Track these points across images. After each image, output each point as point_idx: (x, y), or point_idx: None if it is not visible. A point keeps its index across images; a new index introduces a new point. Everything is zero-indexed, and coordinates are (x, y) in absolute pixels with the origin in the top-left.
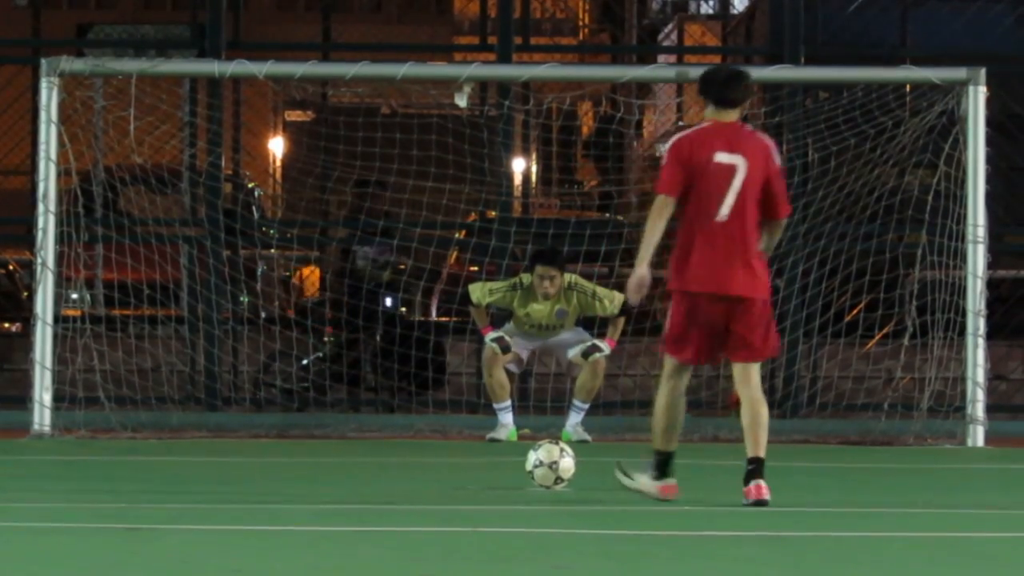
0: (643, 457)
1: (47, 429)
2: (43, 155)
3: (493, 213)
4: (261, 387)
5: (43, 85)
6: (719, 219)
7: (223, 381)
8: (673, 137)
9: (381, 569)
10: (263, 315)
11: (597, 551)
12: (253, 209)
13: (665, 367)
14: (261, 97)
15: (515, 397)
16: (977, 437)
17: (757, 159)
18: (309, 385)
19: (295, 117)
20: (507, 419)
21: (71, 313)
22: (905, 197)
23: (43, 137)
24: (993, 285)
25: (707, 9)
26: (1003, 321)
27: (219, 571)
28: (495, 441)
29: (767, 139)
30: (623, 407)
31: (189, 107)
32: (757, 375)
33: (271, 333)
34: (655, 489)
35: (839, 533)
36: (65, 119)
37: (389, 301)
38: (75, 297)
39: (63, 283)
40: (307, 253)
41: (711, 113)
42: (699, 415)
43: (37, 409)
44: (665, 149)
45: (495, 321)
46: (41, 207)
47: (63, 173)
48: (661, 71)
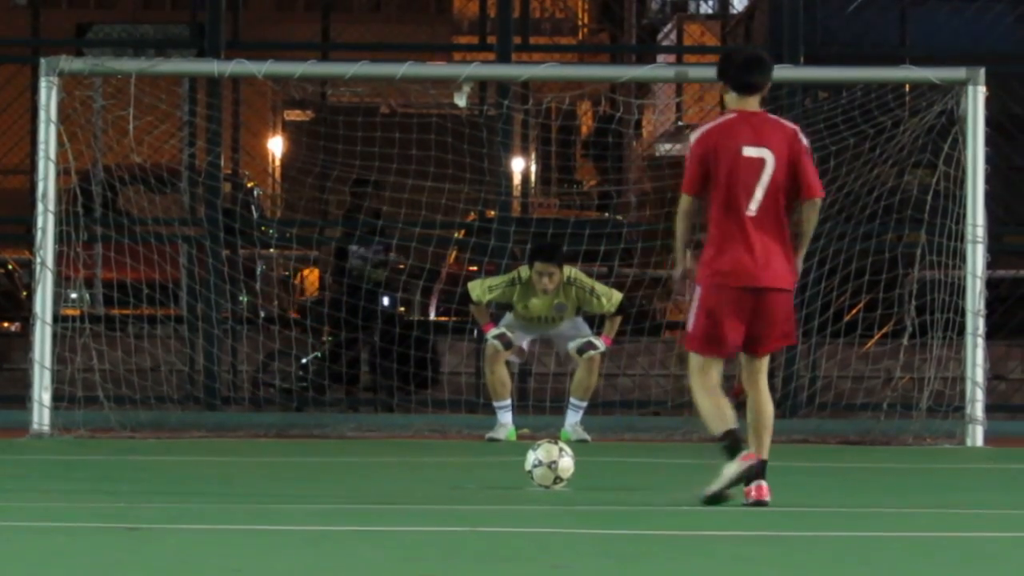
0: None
1: (46, 428)
2: (42, 154)
3: (492, 213)
4: (260, 387)
5: (42, 84)
6: (749, 213)
7: (222, 381)
8: (698, 130)
9: (380, 569)
10: (262, 315)
11: (596, 551)
12: (252, 209)
13: (691, 364)
14: (260, 97)
15: (514, 397)
16: (976, 437)
17: (783, 149)
18: (308, 385)
19: (294, 117)
20: (506, 418)
21: (70, 312)
22: (904, 197)
23: (42, 136)
24: (992, 285)
25: (706, 9)
26: (1002, 321)
27: (219, 571)
28: (494, 441)
29: (791, 124)
30: (622, 407)
31: (188, 106)
32: (765, 371)
33: (270, 333)
34: (737, 463)
35: (838, 533)
36: (64, 118)
37: (387, 301)
38: (74, 296)
39: (62, 282)
40: (306, 253)
41: (733, 102)
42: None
43: (36, 408)
44: (691, 142)
45: (494, 314)
46: (40, 206)
47: (62, 172)
48: (660, 71)
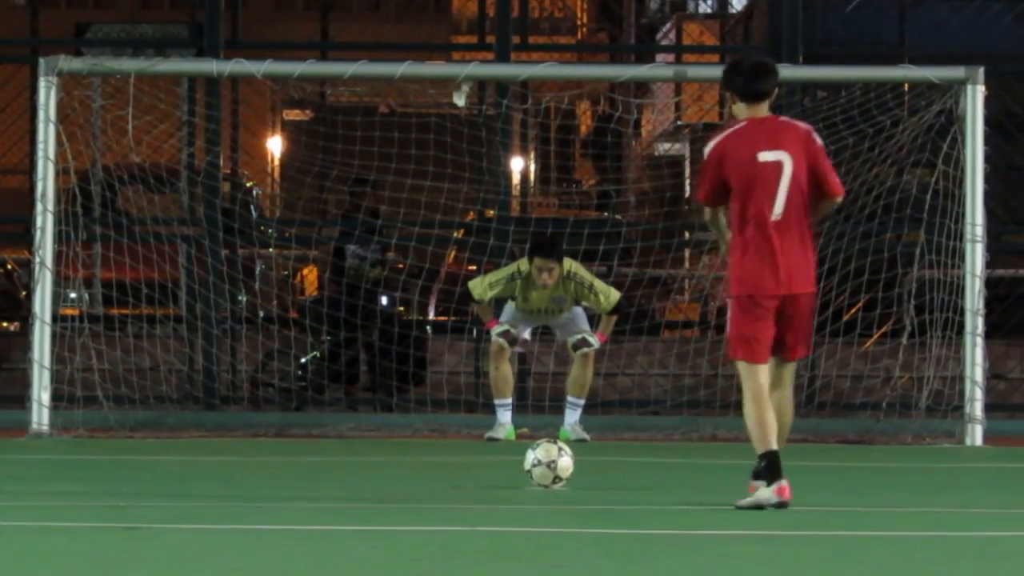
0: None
1: (45, 428)
2: (41, 154)
3: (491, 212)
4: (259, 386)
5: (41, 84)
6: (774, 219)
7: (221, 380)
8: (712, 140)
9: (379, 568)
10: (261, 314)
11: (596, 550)
12: (251, 208)
13: (740, 372)
14: (259, 96)
15: (514, 396)
16: (975, 436)
17: (799, 150)
18: (307, 384)
19: (293, 116)
20: (505, 418)
21: (69, 312)
22: (903, 196)
23: (41, 136)
24: (991, 284)
25: (705, 8)
26: (1001, 320)
27: (218, 570)
28: (493, 440)
29: (804, 124)
30: (621, 406)
31: (187, 106)
32: (792, 376)
33: (269, 332)
34: (770, 494)
35: (837, 532)
36: (63, 118)
37: (385, 300)
38: (73, 296)
39: (61, 282)
40: (305, 252)
41: (742, 111)
42: (697, 414)
43: (35, 408)
44: (705, 153)
45: (496, 308)
46: (39, 206)
47: (61, 172)
48: (659, 70)
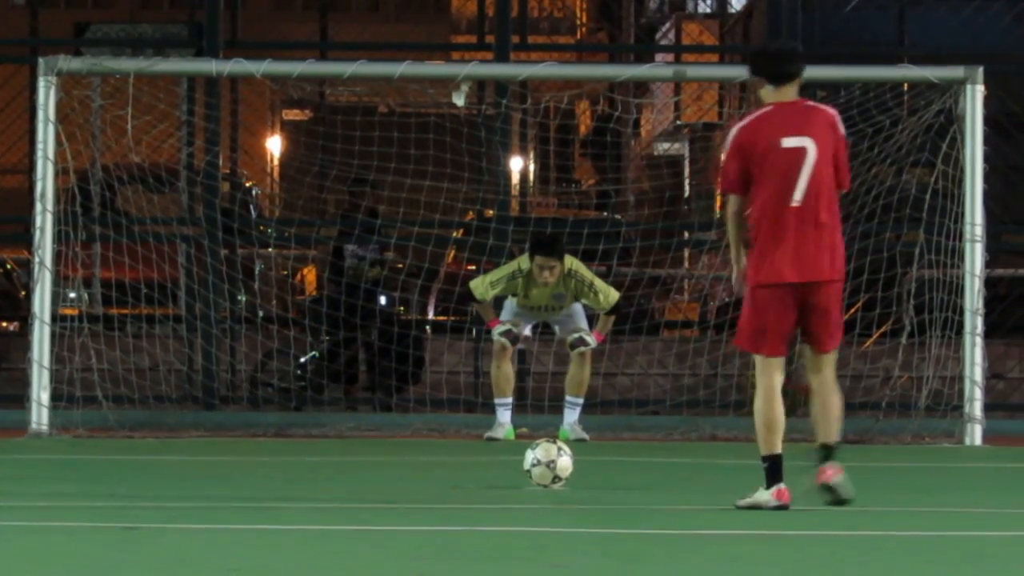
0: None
1: (45, 428)
2: (41, 154)
3: (491, 212)
4: (258, 386)
5: (41, 84)
6: (794, 204)
7: (221, 380)
8: (735, 126)
9: (379, 568)
10: (260, 314)
11: (595, 550)
12: (251, 208)
13: (756, 366)
14: (259, 96)
15: (514, 396)
16: (975, 436)
17: (825, 135)
18: (306, 384)
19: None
20: (505, 417)
21: (69, 312)
22: (903, 196)
23: (41, 136)
24: (991, 284)
25: (704, 8)
26: (1001, 320)
27: (217, 570)
28: (493, 440)
29: (830, 110)
30: (621, 406)
31: (187, 106)
32: (832, 365)
33: (269, 332)
34: (769, 497)
35: (837, 532)
36: (63, 118)
37: (384, 300)
38: (73, 296)
39: (61, 282)
40: (304, 252)
41: (770, 95)
42: (696, 414)
43: (35, 408)
44: (728, 139)
45: (495, 304)
46: (39, 206)
47: (61, 172)
48: (658, 70)
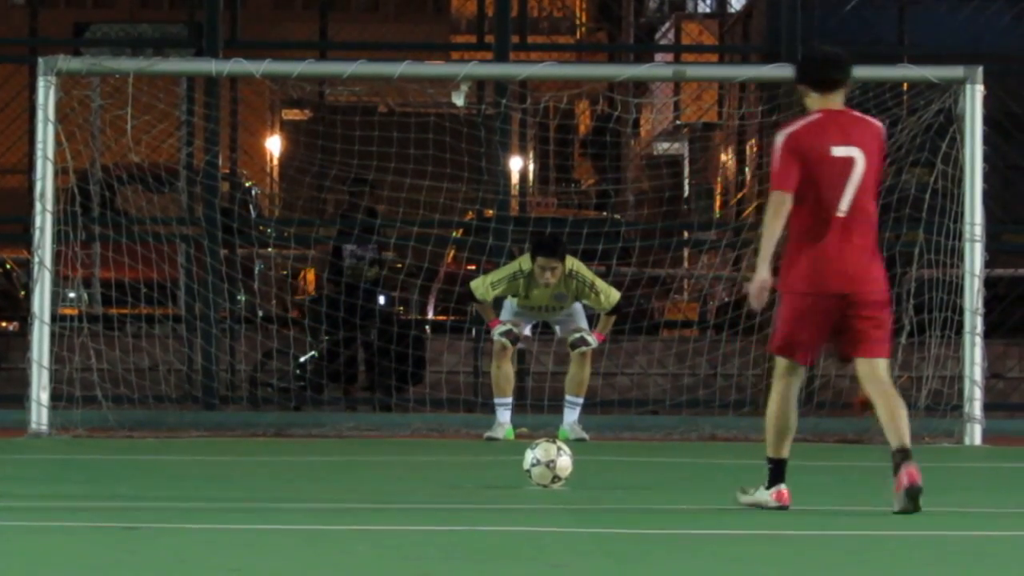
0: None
1: (44, 428)
2: (40, 154)
3: (490, 212)
4: (258, 386)
5: (40, 84)
6: (839, 214)
7: (220, 380)
8: (784, 131)
9: (379, 568)
10: (260, 314)
11: (595, 550)
12: (250, 208)
13: (777, 368)
14: (258, 96)
15: (514, 396)
16: (974, 435)
17: (872, 147)
18: (306, 384)
19: (292, 116)
20: (505, 417)
21: (68, 312)
22: (903, 195)
23: (40, 136)
24: (990, 283)
25: (704, 8)
26: (1000, 319)
27: (217, 570)
28: (492, 440)
29: (877, 122)
30: (621, 406)
31: (186, 106)
32: (885, 369)
33: (268, 332)
34: (769, 498)
35: (836, 532)
36: (62, 118)
37: (383, 300)
38: (72, 296)
39: (60, 282)
40: (304, 252)
41: (816, 102)
42: (696, 414)
43: (34, 408)
44: (777, 143)
45: (495, 303)
46: (38, 206)
47: (60, 172)
48: (658, 70)
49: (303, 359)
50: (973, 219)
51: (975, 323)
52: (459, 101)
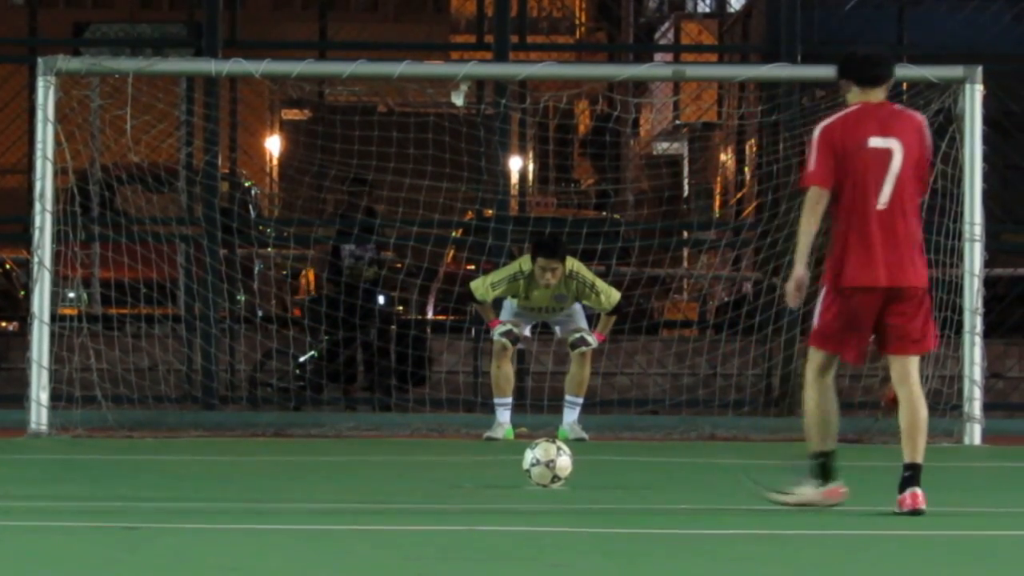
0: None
1: (44, 428)
2: (40, 154)
3: (490, 212)
4: (257, 386)
5: (40, 84)
6: (879, 207)
7: (220, 380)
8: (821, 124)
9: (378, 568)
10: (260, 314)
11: (594, 549)
12: (250, 208)
13: (810, 362)
14: (258, 96)
15: (514, 396)
16: (974, 435)
17: (912, 139)
18: (305, 384)
19: (292, 116)
20: (504, 417)
21: (68, 312)
22: None
23: (40, 136)
24: (990, 283)
25: (704, 8)
26: (1000, 319)
27: (216, 570)
28: (492, 440)
29: (918, 115)
30: (620, 405)
31: (186, 106)
32: (916, 371)
33: (268, 332)
34: (820, 496)
35: (836, 531)
36: (62, 118)
37: (382, 300)
38: (72, 296)
39: (60, 282)
40: (304, 252)
41: (856, 96)
42: (696, 413)
43: (34, 408)
44: (814, 137)
45: (495, 304)
46: (38, 206)
47: (60, 172)
48: (657, 69)
49: (303, 359)
50: (972, 219)
51: (975, 323)
52: (458, 101)
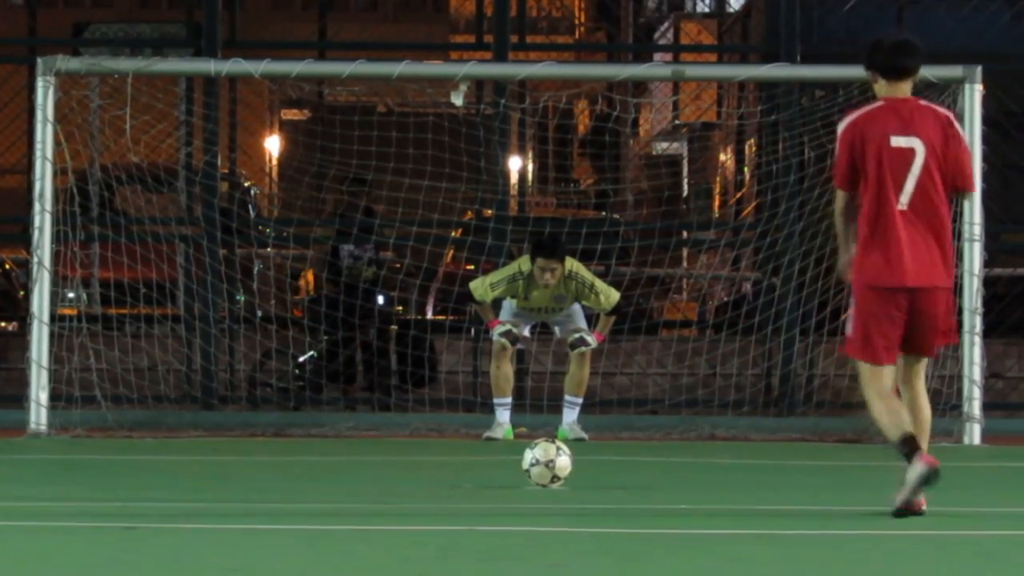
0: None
1: (43, 428)
2: (39, 154)
3: (489, 212)
4: (257, 386)
5: (39, 84)
6: (900, 207)
7: (219, 380)
8: (845, 120)
9: (377, 568)
10: (259, 314)
11: (594, 549)
12: (249, 208)
13: (861, 374)
14: (257, 96)
15: (513, 396)
16: (974, 435)
17: (936, 137)
18: (305, 384)
19: (291, 116)
20: (504, 417)
21: (67, 312)
22: None
23: (39, 136)
24: (989, 283)
25: (703, 7)
26: (999, 319)
27: (215, 570)
28: (492, 440)
29: (943, 111)
30: (620, 405)
31: (185, 106)
32: (923, 373)
33: (267, 332)
34: (919, 464)
35: (835, 531)
36: (61, 118)
37: (381, 300)
38: (71, 296)
39: (59, 282)
40: (303, 252)
41: (882, 89)
42: (695, 413)
43: (33, 408)
44: (838, 134)
45: (494, 304)
46: (37, 206)
47: (59, 172)
48: (657, 69)
49: (302, 359)
50: (972, 218)
51: (974, 322)
52: (458, 101)
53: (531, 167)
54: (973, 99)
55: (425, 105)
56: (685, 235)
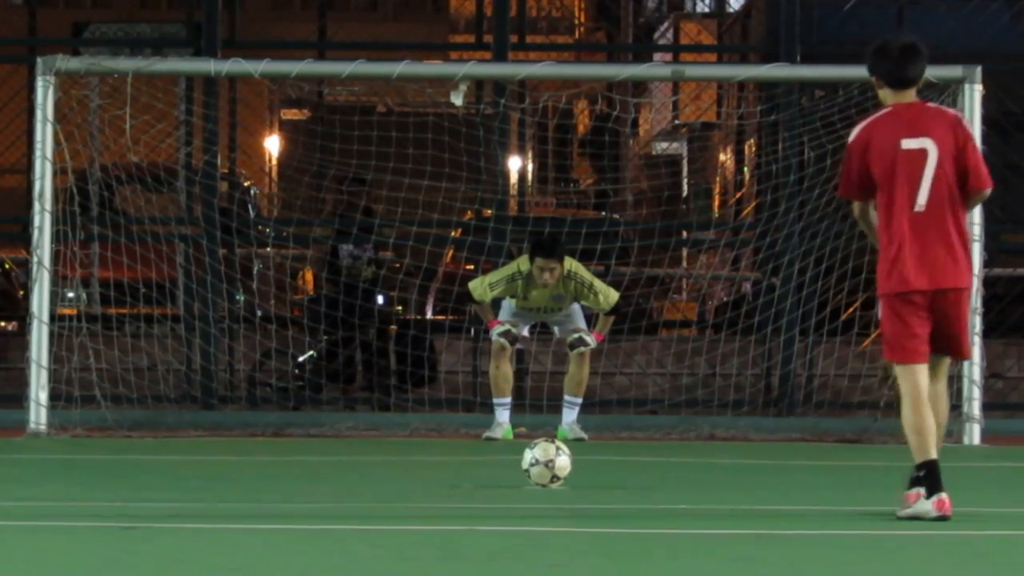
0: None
1: (43, 428)
2: (39, 154)
3: (489, 212)
4: (256, 386)
5: (39, 84)
6: (917, 209)
7: (219, 380)
8: (855, 128)
9: (378, 568)
10: (259, 314)
11: (594, 549)
12: (249, 208)
13: (898, 376)
14: (257, 96)
15: (513, 396)
16: (973, 435)
17: (946, 137)
18: (304, 383)
19: (291, 116)
20: (503, 417)
21: (67, 312)
22: None
23: (39, 136)
24: (989, 283)
25: (703, 7)
26: (999, 319)
27: (215, 570)
28: (491, 440)
29: (952, 111)
30: (619, 405)
31: (185, 106)
32: (945, 372)
33: (267, 332)
34: (930, 507)
35: (835, 532)
36: (61, 118)
37: (380, 299)
38: (71, 296)
39: (59, 282)
40: (303, 252)
41: (889, 97)
42: (695, 413)
43: (33, 408)
44: (848, 143)
45: (493, 304)
46: (37, 206)
47: (59, 172)
48: (657, 69)
49: (302, 359)
50: (972, 219)
51: (974, 322)
52: (458, 101)
53: (531, 167)
54: (973, 99)
55: (425, 105)
56: (685, 235)
